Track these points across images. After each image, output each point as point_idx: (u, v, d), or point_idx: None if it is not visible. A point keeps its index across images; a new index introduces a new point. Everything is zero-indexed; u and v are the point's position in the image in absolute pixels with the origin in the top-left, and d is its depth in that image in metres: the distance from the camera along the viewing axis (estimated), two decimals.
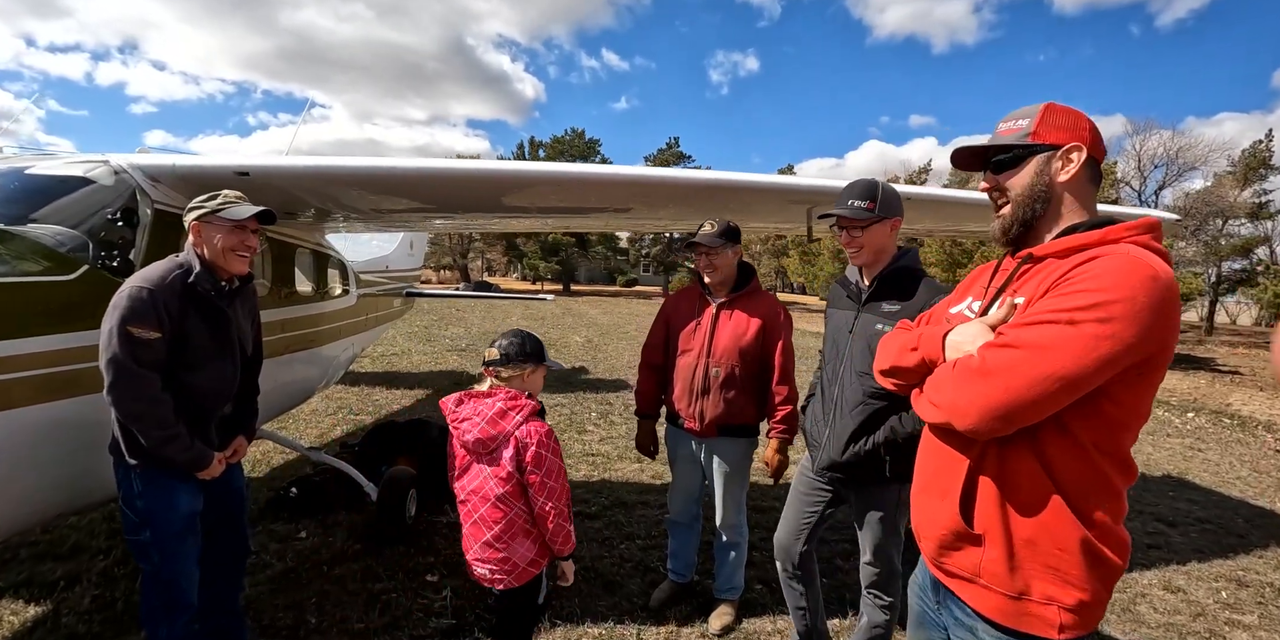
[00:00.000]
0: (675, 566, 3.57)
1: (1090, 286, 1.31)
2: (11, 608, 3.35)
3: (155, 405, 2.29)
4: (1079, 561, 1.36)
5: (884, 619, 2.70)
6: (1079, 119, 1.53)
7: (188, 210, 2.51)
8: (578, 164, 5.35)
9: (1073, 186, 1.50)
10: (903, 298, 2.48)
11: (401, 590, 3.56)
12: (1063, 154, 1.49)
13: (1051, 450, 1.38)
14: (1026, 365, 1.32)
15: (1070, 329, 1.29)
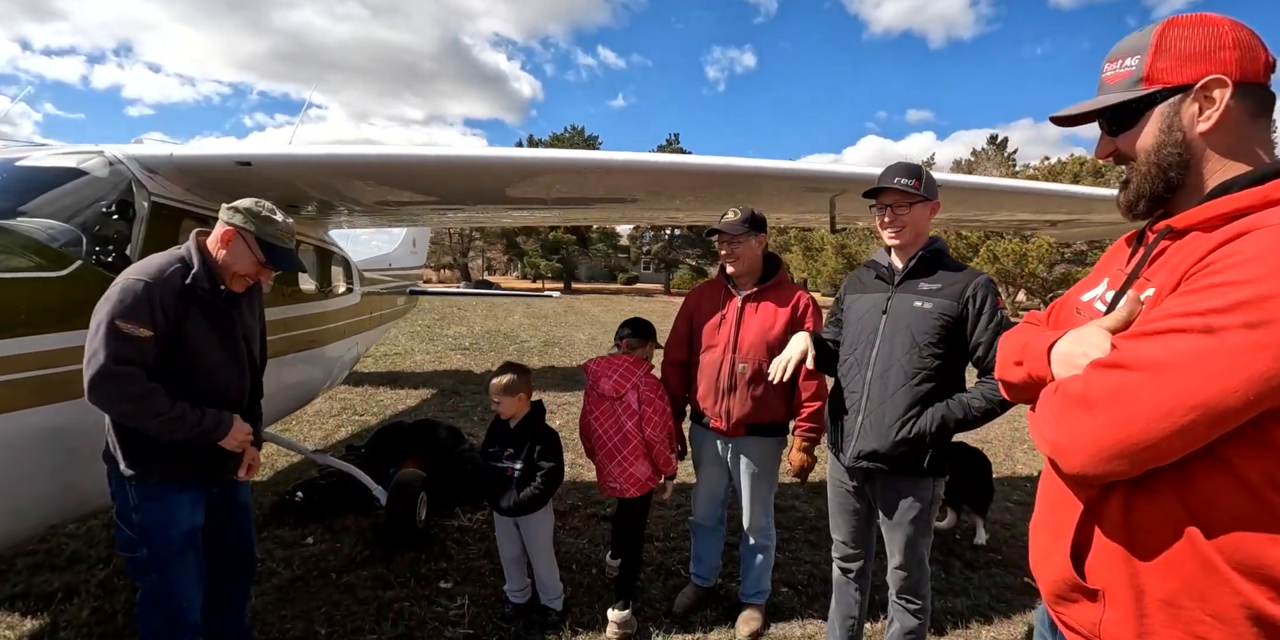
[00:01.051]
0: (699, 570, 3.43)
1: (1235, 277, 0.95)
2: (8, 621, 3.21)
3: (145, 400, 2.12)
4: (1245, 634, 1.01)
5: (916, 624, 2.57)
6: (1214, 32, 1.11)
7: (235, 210, 2.34)
8: (583, 151, 5.18)
9: (1221, 134, 1.11)
10: (942, 277, 2.42)
11: (414, 598, 3.41)
12: (1197, 95, 1.11)
13: (1204, 489, 1.03)
14: (1146, 393, 0.98)
15: (1207, 339, 0.95)
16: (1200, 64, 1.10)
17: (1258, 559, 0.98)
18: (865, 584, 2.76)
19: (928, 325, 2.34)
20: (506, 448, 3.15)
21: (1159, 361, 0.97)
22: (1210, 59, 1.09)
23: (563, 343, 15.02)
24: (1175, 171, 1.15)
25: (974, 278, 2.40)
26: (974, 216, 5.50)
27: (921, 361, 2.35)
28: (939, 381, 2.36)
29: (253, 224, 2.32)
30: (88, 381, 2.07)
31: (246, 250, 2.34)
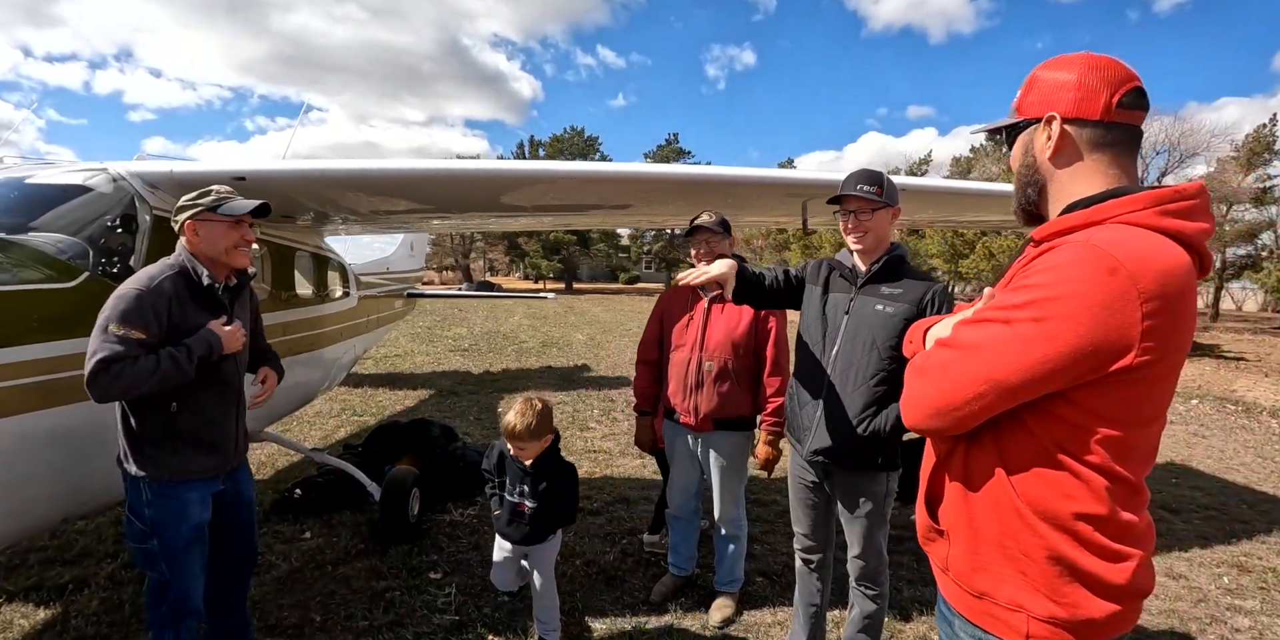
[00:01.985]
0: (676, 560, 3.60)
1: (1034, 281, 1.17)
2: (22, 611, 3.39)
3: (133, 373, 2.20)
4: (1047, 570, 1.23)
5: (874, 609, 2.72)
6: (1066, 73, 1.30)
7: (179, 210, 2.48)
8: (571, 162, 5.37)
9: (1063, 161, 1.30)
10: (903, 283, 2.52)
11: (405, 588, 3.59)
12: (1043, 127, 1.31)
13: (1010, 448, 1.26)
14: (958, 366, 1.23)
15: (1004, 329, 1.18)
16: (1047, 102, 1.30)
17: (1051, 510, 1.22)
18: (826, 574, 2.91)
19: (889, 328, 2.43)
20: (520, 483, 2.89)
21: (971, 343, 1.23)
22: (1054, 98, 1.29)
23: (561, 343, 15.20)
24: (1031, 188, 1.37)
25: (933, 285, 2.51)
26: (945, 218, 5.68)
27: (880, 363, 2.45)
28: (896, 383, 2.45)
29: (198, 207, 2.44)
30: (85, 378, 2.19)
31: (212, 227, 2.45)
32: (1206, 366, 15.79)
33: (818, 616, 2.94)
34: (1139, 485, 1.24)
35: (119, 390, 2.22)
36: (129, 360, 2.20)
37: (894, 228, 2.66)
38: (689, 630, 3.27)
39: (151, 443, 2.36)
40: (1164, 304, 1.09)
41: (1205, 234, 1.19)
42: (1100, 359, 1.11)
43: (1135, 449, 1.21)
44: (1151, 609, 3.69)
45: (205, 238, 2.47)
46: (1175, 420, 9.22)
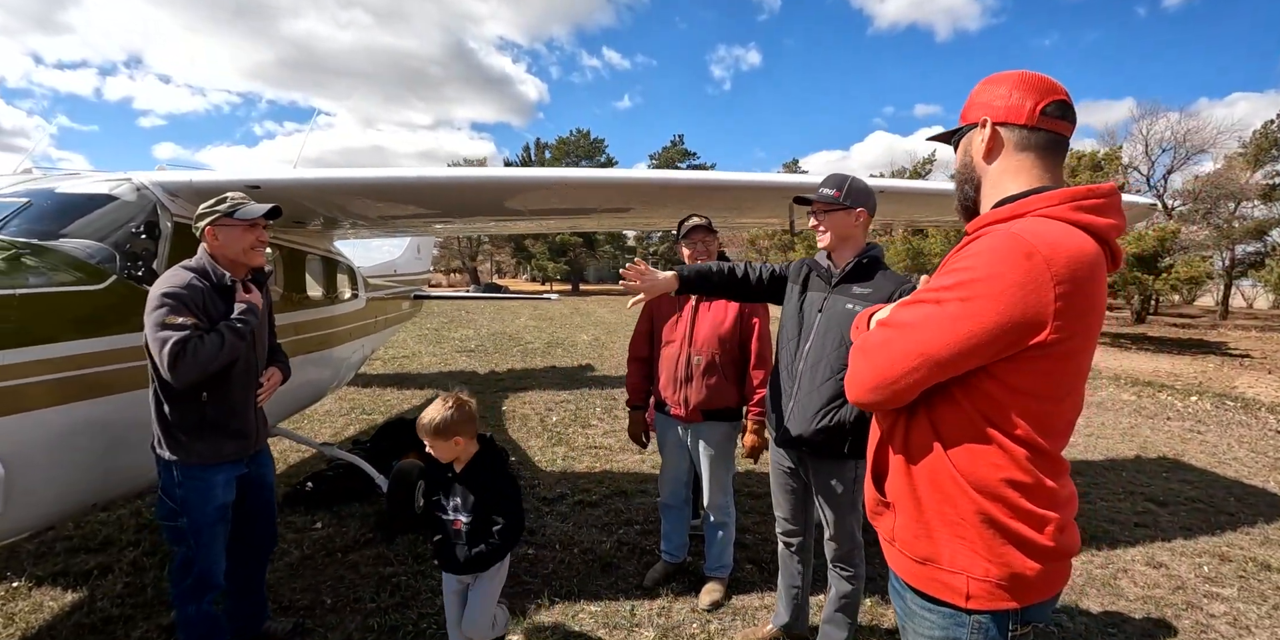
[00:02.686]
0: (668, 547, 3.78)
1: (960, 265, 1.31)
2: (50, 594, 3.60)
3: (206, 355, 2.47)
4: (983, 534, 1.35)
5: (850, 589, 2.88)
6: (998, 85, 1.46)
7: (199, 217, 2.72)
8: (573, 169, 5.57)
9: (993, 160, 1.46)
10: (874, 283, 2.66)
11: (411, 573, 3.78)
12: (978, 129, 1.47)
13: (942, 422, 1.39)
14: (895, 343, 1.36)
15: (934, 309, 1.31)
16: (982, 109, 1.47)
17: (982, 478, 1.35)
18: (807, 557, 3.07)
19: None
20: (451, 496, 2.64)
21: (906, 322, 1.38)
22: (987, 106, 1.46)
23: (566, 344, 15.40)
24: (969, 185, 1.52)
25: (902, 283, 2.63)
26: (930, 218, 5.84)
27: (844, 357, 2.59)
28: None
29: (215, 213, 2.68)
30: (167, 366, 2.42)
31: (229, 230, 2.69)
32: (1210, 364, 15.80)
33: (800, 597, 3.11)
34: (1057, 456, 1.39)
35: (198, 368, 2.46)
36: (196, 339, 2.45)
37: (861, 229, 2.74)
38: (679, 613, 3.44)
39: (183, 429, 2.58)
40: (1074, 287, 1.23)
41: (1115, 229, 1.34)
42: (1019, 334, 1.24)
43: (1053, 422, 1.36)
44: (1129, 595, 3.83)
45: (224, 240, 2.69)
46: (1173, 416, 9.31)
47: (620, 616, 3.38)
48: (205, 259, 2.69)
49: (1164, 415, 9.37)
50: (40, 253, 2.82)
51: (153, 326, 2.44)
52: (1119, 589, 3.91)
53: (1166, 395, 11.03)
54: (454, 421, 2.57)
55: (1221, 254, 27.99)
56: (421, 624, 3.26)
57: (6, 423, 2.47)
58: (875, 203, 2.78)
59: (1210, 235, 26.96)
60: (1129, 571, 4.14)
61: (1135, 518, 5.11)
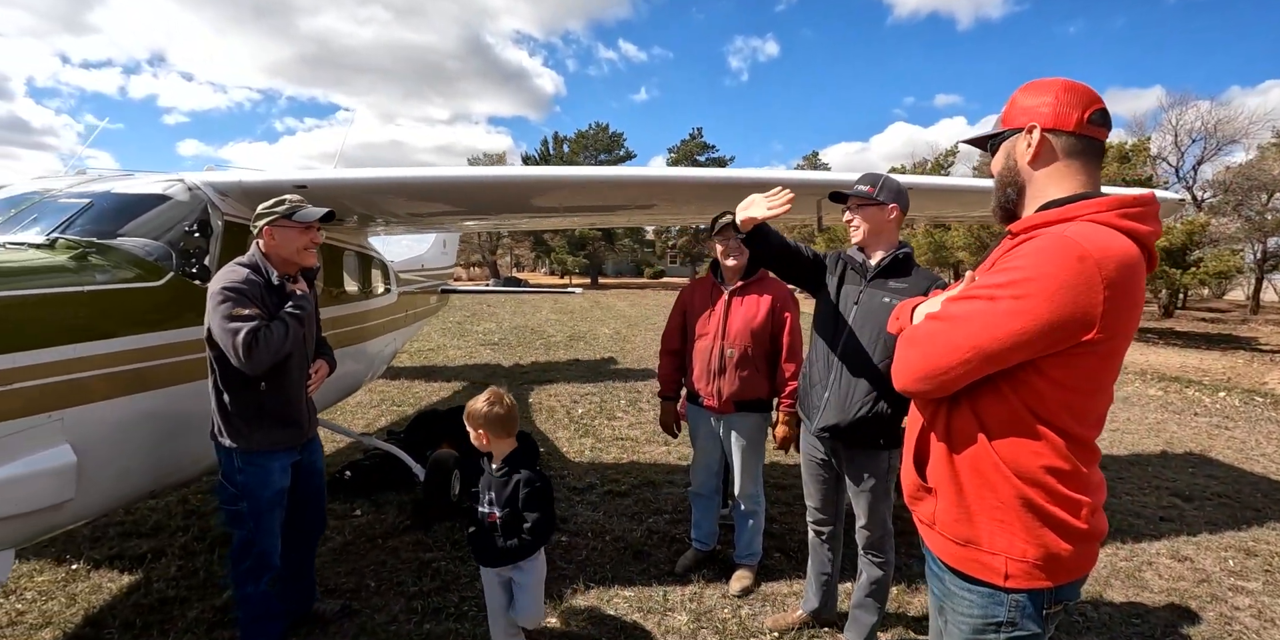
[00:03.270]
0: (698, 535, 3.88)
1: (1015, 265, 1.38)
2: (108, 576, 3.78)
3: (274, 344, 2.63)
4: (1022, 517, 1.44)
5: (880, 575, 2.96)
6: (1044, 93, 1.52)
7: (258, 217, 2.86)
8: (600, 168, 5.66)
9: (1040, 165, 1.52)
10: (909, 278, 2.75)
11: (450, 559, 3.92)
12: (1024, 135, 1.52)
13: (986, 413, 1.47)
14: (946, 335, 1.44)
15: (988, 304, 1.38)
16: (1028, 115, 1.53)
17: (1024, 465, 1.44)
18: (837, 545, 3.16)
19: None
20: (488, 490, 2.74)
21: (958, 315, 1.45)
22: (1033, 112, 1.52)
23: (588, 337, 15.53)
24: (1011, 188, 1.58)
25: (935, 280, 2.71)
26: (954, 213, 5.86)
27: (885, 351, 2.67)
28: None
29: (273, 214, 2.83)
30: (242, 354, 2.56)
31: (286, 231, 2.84)
32: (1239, 359, 15.59)
33: (829, 584, 3.21)
34: (1092, 444, 1.48)
35: (270, 354, 2.62)
36: (264, 327, 2.61)
37: (893, 224, 2.83)
38: (711, 598, 3.55)
39: (243, 418, 2.73)
40: (1120, 289, 1.31)
41: (1154, 235, 1.43)
42: (1068, 332, 1.33)
43: (1090, 413, 1.46)
44: (1154, 587, 3.87)
45: (280, 241, 2.83)
46: (1200, 412, 9.24)
47: (654, 601, 3.49)
48: (258, 256, 2.83)
49: (1191, 411, 9.30)
50: (104, 251, 2.96)
51: (221, 319, 2.58)
52: (1144, 581, 3.95)
53: (1194, 391, 10.93)
54: (509, 419, 2.73)
55: (1253, 247, 27.40)
56: (463, 607, 3.40)
57: (79, 413, 2.62)
58: (908, 201, 2.86)
59: (1241, 228, 26.42)
60: (1154, 564, 4.18)
61: (1160, 511, 5.13)
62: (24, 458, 2.43)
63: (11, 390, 2.37)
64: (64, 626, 3.26)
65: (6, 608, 3.42)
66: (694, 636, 3.23)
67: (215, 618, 3.30)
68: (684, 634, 3.24)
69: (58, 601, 3.49)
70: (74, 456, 2.56)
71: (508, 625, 2.85)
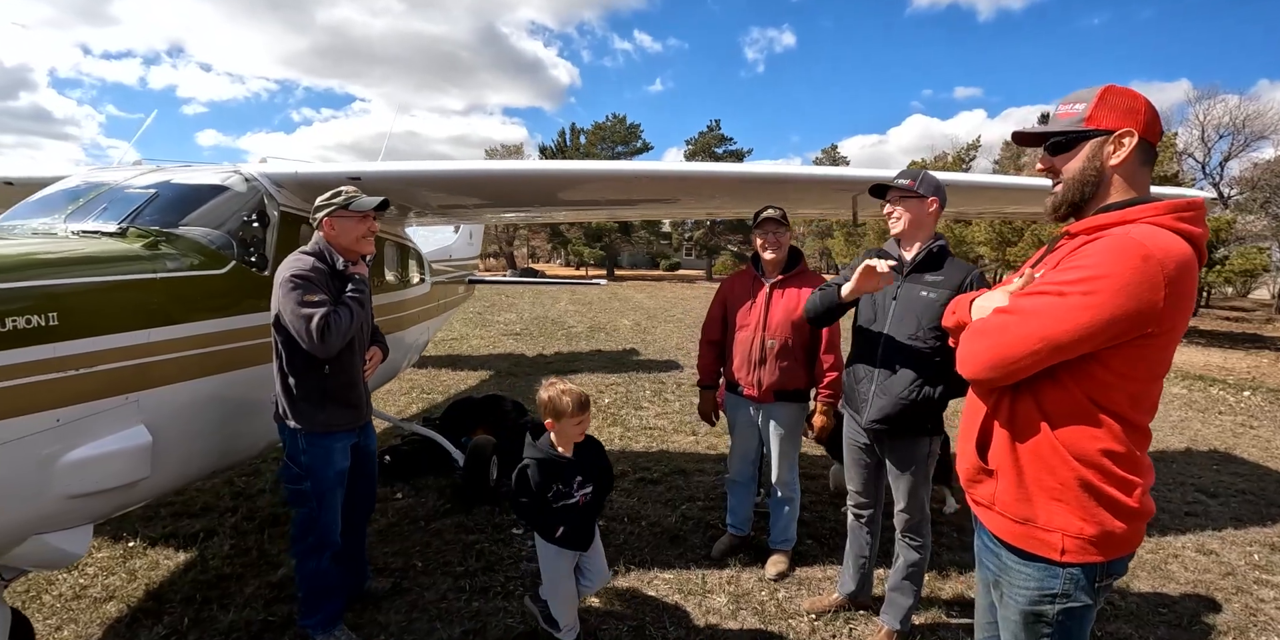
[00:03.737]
0: (734, 521, 3.99)
1: (1083, 263, 1.47)
2: (164, 554, 3.93)
3: (344, 327, 2.74)
4: (1079, 497, 1.55)
5: (918, 558, 3.06)
6: (1135, 101, 1.58)
7: (317, 208, 2.97)
8: (630, 162, 5.75)
9: (1124, 170, 1.59)
10: (945, 271, 2.83)
11: (492, 541, 4.05)
12: (1115, 138, 1.57)
13: (1048, 400, 1.58)
14: (1016, 327, 1.54)
15: (1058, 299, 1.48)
16: (1123, 117, 1.59)
17: (1083, 449, 1.56)
18: (875, 529, 3.26)
19: (932, 312, 2.72)
20: (573, 475, 2.83)
21: (1028, 309, 1.55)
22: (1130, 116, 1.59)
23: (608, 328, 15.65)
24: (1090, 188, 1.63)
25: (970, 271, 2.81)
26: (994, 209, 5.90)
27: (925, 343, 2.78)
28: (942, 359, 2.74)
29: (332, 205, 2.95)
30: (316, 338, 2.67)
31: (344, 221, 2.96)
32: (1264, 358, 15.48)
33: (866, 567, 3.30)
34: (1146, 429, 1.60)
35: (341, 338, 2.75)
36: (334, 313, 2.73)
37: (932, 218, 2.91)
38: (748, 582, 3.66)
39: (307, 400, 2.85)
40: (1179, 286, 1.42)
41: (1204, 236, 1.53)
42: (1132, 325, 1.43)
43: (1145, 400, 1.57)
44: (1179, 579, 3.94)
45: (340, 230, 2.94)
46: (1225, 410, 9.23)
47: (693, 583, 3.60)
48: (322, 244, 2.94)
49: (1215, 409, 9.29)
50: (172, 239, 3.08)
51: (294, 305, 2.69)
52: (1169, 573, 4.02)
53: (1218, 390, 10.89)
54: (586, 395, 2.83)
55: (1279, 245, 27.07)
56: (509, 586, 3.53)
57: (153, 395, 2.74)
58: (946, 196, 2.94)
59: (1269, 225, 26.10)
60: (1179, 557, 4.24)
61: (1185, 507, 5.18)
62: (105, 437, 2.55)
63: (94, 373, 2.49)
64: (127, 600, 3.41)
65: (70, 582, 3.58)
66: (734, 617, 3.33)
67: (272, 594, 3.44)
68: (724, 614, 3.35)
69: (118, 577, 3.65)
70: (149, 437, 2.69)
71: (572, 596, 2.96)
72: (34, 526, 2.42)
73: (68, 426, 2.40)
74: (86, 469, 2.48)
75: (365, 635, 3.08)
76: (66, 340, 2.38)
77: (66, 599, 3.43)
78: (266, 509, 4.51)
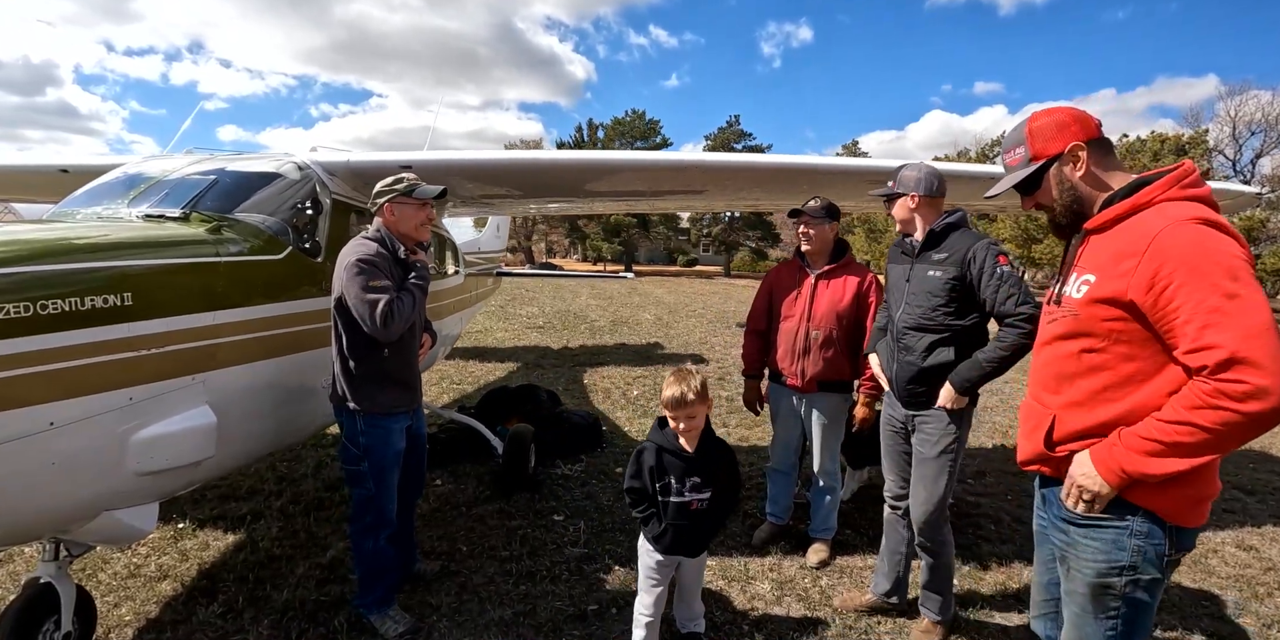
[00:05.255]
0: (774, 510, 4.01)
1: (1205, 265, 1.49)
2: (214, 535, 4.01)
3: (406, 312, 2.81)
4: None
5: (934, 562, 3.07)
6: (1058, 116, 1.78)
7: (378, 194, 3.02)
8: (659, 152, 5.78)
9: (1089, 175, 1.75)
10: (949, 247, 2.87)
11: (534, 527, 4.10)
12: (1068, 157, 1.76)
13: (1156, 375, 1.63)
14: (1266, 325, 1.47)
15: (1248, 295, 1.47)
16: (1059, 137, 1.77)
17: None
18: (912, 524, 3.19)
19: (938, 289, 2.84)
20: (688, 476, 2.63)
21: (1246, 306, 1.48)
22: (1063, 133, 1.77)
23: (630, 322, 15.69)
24: (1076, 204, 1.80)
25: (974, 242, 2.83)
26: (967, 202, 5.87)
27: (935, 318, 2.85)
28: (954, 334, 2.84)
29: (393, 191, 3.00)
30: (380, 323, 2.73)
31: (406, 207, 3.02)
32: None
33: (901, 565, 3.24)
34: None
35: (404, 322, 2.81)
36: (397, 299, 2.79)
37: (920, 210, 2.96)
38: (790, 569, 3.69)
39: (369, 382, 2.91)
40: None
41: (1209, 194, 1.64)
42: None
43: None
44: (1220, 573, 3.92)
45: (399, 217, 2.99)
46: None
47: (736, 570, 3.63)
48: (384, 231, 2.99)
49: None
50: (233, 225, 3.14)
51: (360, 289, 2.74)
52: (1210, 567, 4.00)
53: None
54: (705, 388, 2.63)
55: None
56: (555, 570, 3.58)
57: (217, 376, 2.80)
58: (932, 185, 2.96)
59: None
60: (1219, 552, 4.22)
61: (1224, 504, 5.13)
62: (175, 416, 2.61)
63: (164, 353, 2.55)
64: (181, 579, 3.49)
65: (125, 561, 3.66)
66: (779, 603, 3.36)
67: (323, 574, 3.51)
68: (769, 600, 3.38)
69: (170, 557, 3.73)
70: (214, 417, 2.75)
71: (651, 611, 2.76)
72: (106, 502, 2.49)
73: (140, 405, 2.46)
74: (156, 447, 2.54)
75: (417, 616, 3.14)
76: (139, 320, 2.43)
77: (122, 577, 3.51)
78: (311, 493, 4.59)
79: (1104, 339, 1.67)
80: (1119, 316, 1.63)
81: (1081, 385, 1.73)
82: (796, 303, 3.64)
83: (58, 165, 4.43)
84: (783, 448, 3.88)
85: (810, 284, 3.63)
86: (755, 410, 4.01)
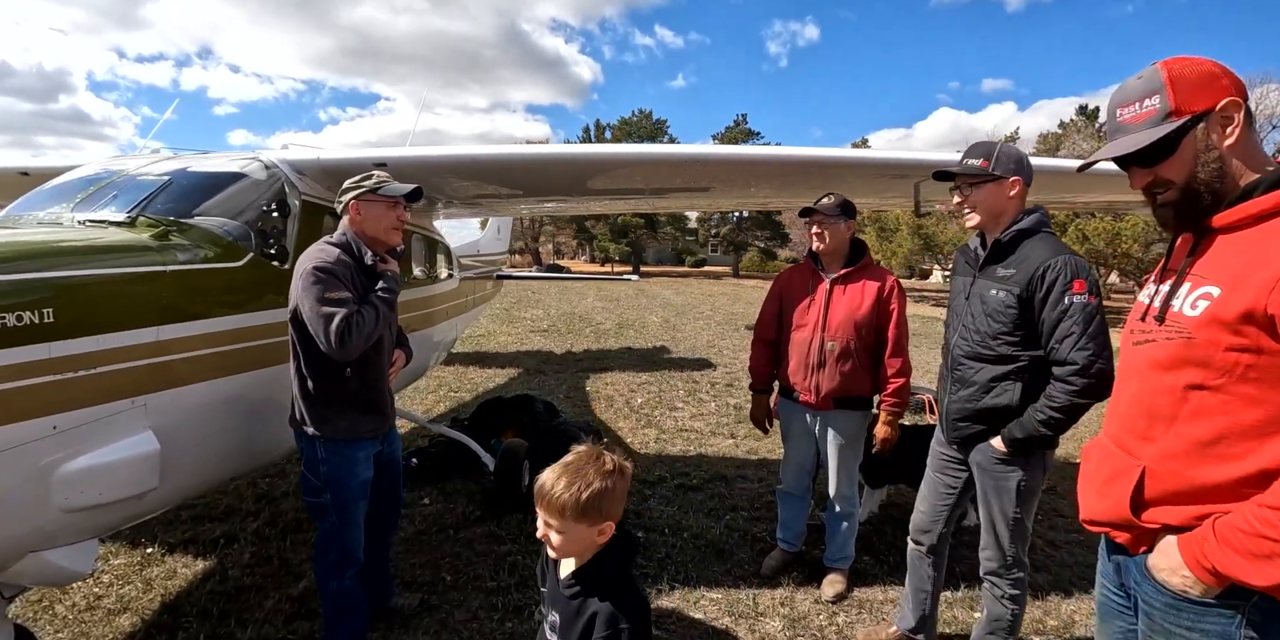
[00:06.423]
0: (785, 536, 3.67)
1: None
2: (183, 561, 3.74)
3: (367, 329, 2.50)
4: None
5: (1002, 612, 2.62)
6: (1206, 67, 1.32)
7: (344, 191, 2.73)
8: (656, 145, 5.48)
9: (1239, 146, 1.31)
10: (1018, 261, 2.37)
11: (526, 552, 3.78)
12: (1218, 119, 1.30)
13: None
14: None
15: None
16: (1212, 91, 1.31)
17: None
18: (940, 561, 2.83)
19: (999, 313, 2.37)
20: (550, 607, 1.67)
21: None
22: (1214, 86, 1.31)
23: (637, 325, 15.37)
24: (1218, 183, 1.33)
25: (1050, 257, 2.29)
26: (1059, 198, 5.50)
27: (993, 347, 2.39)
28: (1022, 368, 2.36)
29: (360, 188, 2.70)
30: (335, 341, 2.42)
31: (374, 206, 2.71)
32: None
33: (928, 603, 2.88)
34: None
35: (364, 340, 2.50)
36: (357, 313, 2.48)
37: (1015, 202, 2.44)
38: (803, 603, 3.34)
39: (328, 405, 2.60)
40: None
41: None
42: None
43: None
44: None
45: (367, 217, 2.70)
46: None
47: (743, 605, 3.30)
48: (349, 234, 2.70)
49: None
50: (184, 230, 2.85)
51: (314, 302, 2.44)
52: None
53: None
54: (611, 496, 1.55)
55: None
56: None
57: (162, 398, 2.51)
58: (1031, 171, 2.50)
59: None
60: None
61: None
62: (107, 445, 2.31)
63: (94, 374, 2.26)
64: (141, 613, 3.21)
65: (84, 591, 3.39)
66: None
67: (292, 608, 3.22)
68: None
69: (134, 586, 3.46)
70: (157, 444, 2.46)
71: None
72: (30, 543, 2.20)
73: (66, 434, 2.17)
74: (88, 480, 2.25)
75: None
76: (64, 339, 2.14)
77: (79, 609, 3.24)
78: (290, 513, 4.30)
79: (1223, 374, 1.25)
80: (1248, 347, 1.22)
81: (1183, 432, 1.32)
82: (810, 310, 3.29)
83: (17, 168, 4.16)
84: (795, 469, 3.54)
85: (825, 290, 3.27)
86: (764, 429, 3.66)
